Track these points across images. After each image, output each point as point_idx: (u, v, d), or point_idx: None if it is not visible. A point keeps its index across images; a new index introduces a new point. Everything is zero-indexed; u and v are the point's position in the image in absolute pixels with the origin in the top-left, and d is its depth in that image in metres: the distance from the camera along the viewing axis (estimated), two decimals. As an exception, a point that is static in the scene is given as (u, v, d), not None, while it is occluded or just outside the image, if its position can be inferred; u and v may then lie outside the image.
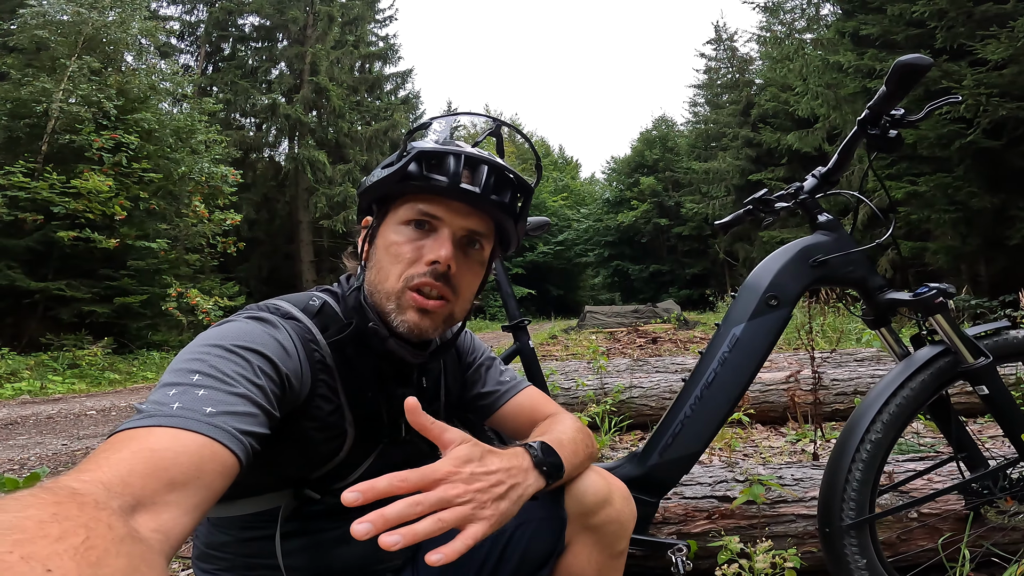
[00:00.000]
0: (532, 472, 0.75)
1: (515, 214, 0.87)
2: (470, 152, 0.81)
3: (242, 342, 0.70)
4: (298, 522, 0.83)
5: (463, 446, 0.67)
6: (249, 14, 19.52)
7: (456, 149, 0.80)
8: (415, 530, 0.56)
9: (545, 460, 0.78)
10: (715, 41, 27.45)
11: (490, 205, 0.82)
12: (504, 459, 0.71)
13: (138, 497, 0.48)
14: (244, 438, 0.60)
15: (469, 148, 0.83)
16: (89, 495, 0.43)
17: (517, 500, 0.69)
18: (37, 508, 0.39)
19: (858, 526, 1.15)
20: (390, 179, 0.81)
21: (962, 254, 8.86)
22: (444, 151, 0.80)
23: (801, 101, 12.48)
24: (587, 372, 3.72)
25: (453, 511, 0.60)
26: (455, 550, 0.57)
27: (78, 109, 8.71)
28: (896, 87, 1.13)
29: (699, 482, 1.53)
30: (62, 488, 0.43)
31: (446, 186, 0.79)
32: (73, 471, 0.48)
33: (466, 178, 0.80)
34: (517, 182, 0.85)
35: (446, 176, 0.79)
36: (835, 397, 2.97)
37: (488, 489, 0.65)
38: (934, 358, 1.21)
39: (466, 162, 0.80)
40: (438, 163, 0.80)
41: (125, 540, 0.41)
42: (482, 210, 0.83)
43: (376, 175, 0.85)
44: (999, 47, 6.71)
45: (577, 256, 34.02)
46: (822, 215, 1.31)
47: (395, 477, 0.57)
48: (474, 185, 0.80)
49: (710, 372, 1.23)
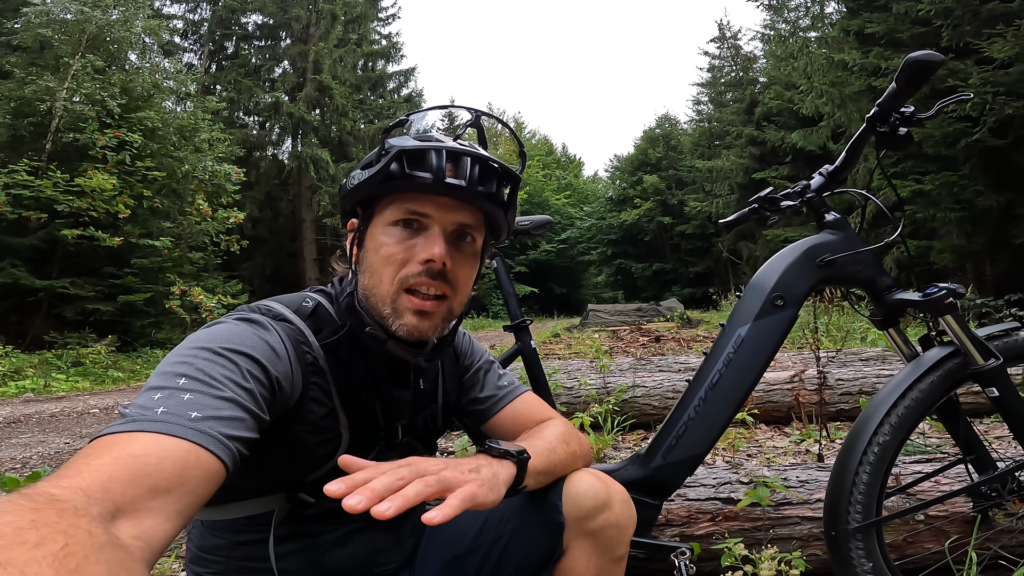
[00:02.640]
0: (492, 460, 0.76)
1: (503, 203, 0.85)
2: (451, 145, 0.79)
3: (230, 344, 0.68)
4: (292, 525, 0.83)
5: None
6: (252, 12, 19.58)
7: (437, 144, 0.78)
8: (405, 495, 0.58)
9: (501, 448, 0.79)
10: (719, 39, 27.36)
11: (477, 197, 0.80)
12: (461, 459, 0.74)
13: (119, 504, 0.48)
14: (231, 443, 0.59)
15: (450, 141, 0.81)
16: (68, 501, 0.43)
17: (492, 478, 0.71)
18: (15, 514, 0.38)
19: (865, 529, 1.14)
20: (372, 180, 0.79)
21: (967, 253, 8.82)
22: (425, 147, 0.78)
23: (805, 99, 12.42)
24: (590, 371, 3.71)
25: (436, 475, 0.63)
26: (452, 507, 0.60)
27: (82, 107, 8.74)
28: (906, 84, 1.11)
29: (703, 484, 1.52)
30: (41, 494, 0.42)
31: (431, 182, 0.77)
32: (52, 476, 0.48)
33: (450, 172, 0.78)
34: (502, 171, 0.83)
35: (430, 172, 0.77)
36: (840, 397, 2.95)
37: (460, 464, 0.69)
38: (943, 359, 1.19)
39: (448, 156, 0.78)
40: (420, 160, 0.78)
41: (105, 547, 0.41)
42: (470, 203, 0.82)
43: (357, 177, 0.82)
44: (1005, 45, 6.67)
45: (580, 254, 33.98)
46: (829, 214, 1.29)
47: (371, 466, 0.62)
48: (459, 178, 0.78)
49: (715, 373, 1.21)
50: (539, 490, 0.91)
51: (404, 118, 0.89)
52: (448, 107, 0.96)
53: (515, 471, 0.77)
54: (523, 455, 0.79)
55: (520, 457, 0.78)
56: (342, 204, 0.88)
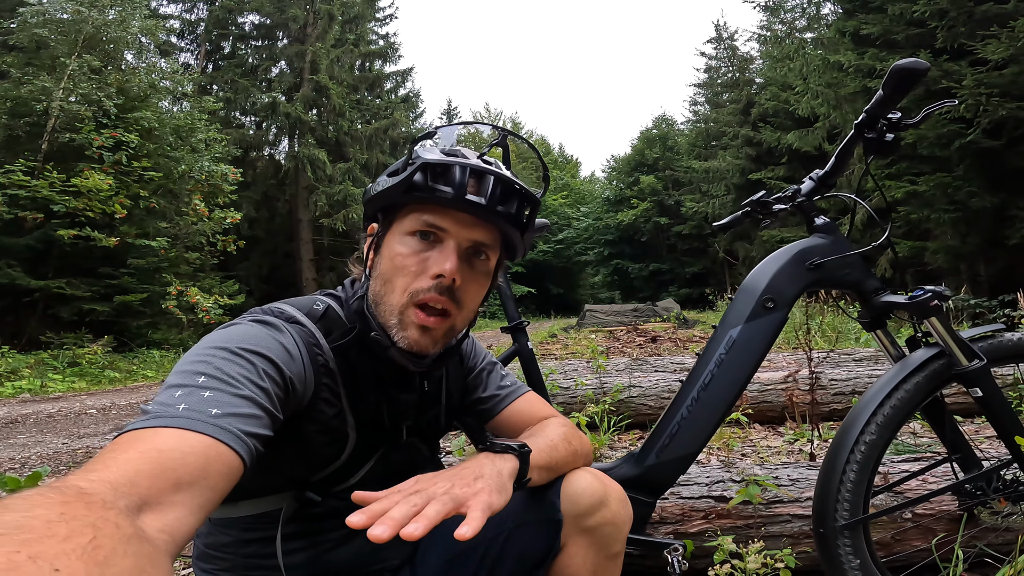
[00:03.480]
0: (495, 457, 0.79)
1: (521, 225, 0.86)
2: (475, 163, 0.80)
3: (247, 345, 0.70)
4: (298, 524, 0.84)
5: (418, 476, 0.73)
6: (249, 12, 19.51)
7: (462, 161, 0.79)
8: (427, 515, 0.61)
9: (503, 444, 0.81)
10: (716, 40, 27.45)
11: (496, 216, 0.81)
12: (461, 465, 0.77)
13: (144, 497, 0.49)
14: (248, 440, 0.61)
15: (475, 158, 0.82)
16: (96, 495, 0.44)
17: (498, 477, 0.74)
18: (44, 508, 0.39)
19: (852, 527, 1.16)
20: (395, 189, 0.81)
21: (962, 254, 8.87)
22: (449, 162, 0.79)
23: (801, 100, 12.49)
24: (586, 371, 3.73)
25: (447, 495, 0.66)
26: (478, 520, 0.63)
27: (78, 107, 8.72)
28: (892, 91, 1.14)
29: (696, 482, 1.54)
30: (69, 488, 0.43)
31: (451, 197, 0.78)
32: (80, 471, 0.49)
33: (471, 189, 0.79)
34: (523, 193, 0.84)
35: (451, 187, 0.78)
36: (833, 397, 2.98)
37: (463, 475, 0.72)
38: (929, 360, 1.22)
39: (471, 173, 0.79)
40: (443, 174, 0.79)
41: (132, 540, 0.41)
42: (488, 221, 0.83)
43: (382, 183, 0.84)
44: (999, 47, 6.72)
45: (577, 255, 34.02)
46: (819, 218, 1.32)
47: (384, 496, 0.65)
48: (480, 196, 0.79)
49: (707, 374, 1.24)
50: (538, 488, 0.94)
51: (433, 130, 0.91)
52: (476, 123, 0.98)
53: (518, 464, 0.80)
54: (524, 448, 0.82)
55: (521, 451, 0.81)
56: (365, 208, 0.90)
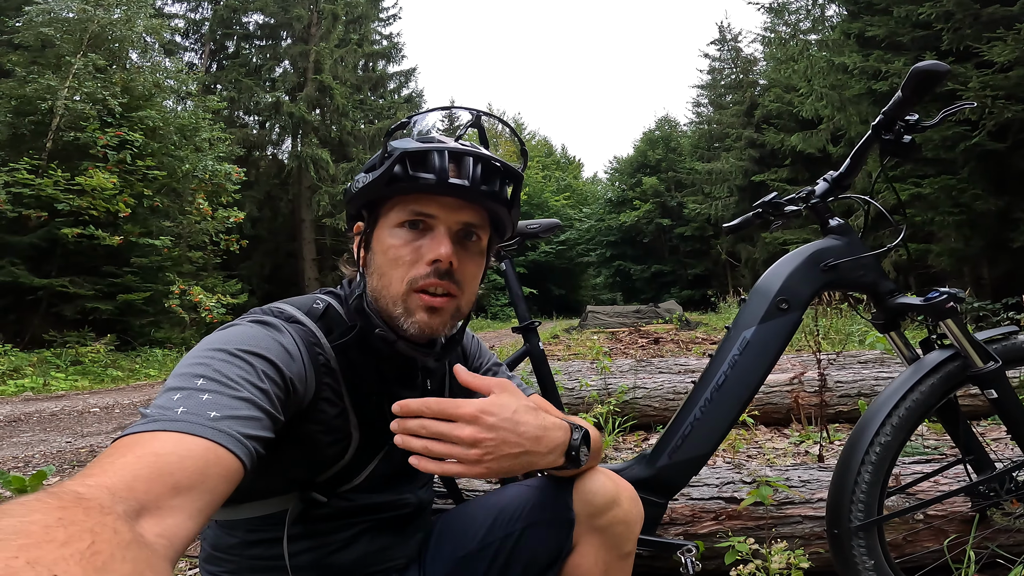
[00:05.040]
0: (556, 452, 0.79)
1: (507, 202, 0.86)
2: (454, 146, 0.80)
3: (246, 346, 0.70)
4: (304, 524, 0.84)
5: (502, 395, 0.75)
6: (253, 12, 19.57)
7: (439, 145, 0.79)
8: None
9: (576, 448, 0.82)
10: (719, 41, 27.42)
11: (481, 196, 0.81)
12: (538, 426, 0.76)
13: (143, 502, 0.48)
14: (248, 442, 0.60)
15: (452, 142, 0.82)
16: (94, 500, 0.43)
17: (522, 467, 0.75)
18: (42, 513, 0.39)
19: (866, 528, 1.16)
20: (377, 183, 0.80)
21: (965, 256, 8.86)
22: (427, 149, 0.79)
23: (805, 102, 12.49)
24: (590, 372, 3.73)
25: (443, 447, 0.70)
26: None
27: (83, 106, 8.73)
28: (912, 93, 1.14)
29: (706, 483, 1.54)
30: (67, 493, 0.43)
31: (434, 183, 0.78)
32: (78, 476, 0.48)
33: (453, 172, 0.79)
34: (505, 170, 0.84)
35: (433, 173, 0.78)
36: (839, 399, 2.97)
37: (498, 446, 0.71)
38: (944, 362, 1.22)
39: (451, 156, 0.79)
40: (423, 161, 0.79)
41: (130, 545, 0.41)
42: (474, 202, 0.83)
43: (361, 180, 0.84)
44: (1005, 49, 6.71)
45: (579, 256, 34.01)
46: (833, 219, 1.32)
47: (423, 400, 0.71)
48: (462, 178, 0.79)
49: (720, 375, 1.24)
50: (550, 487, 0.93)
51: (405, 120, 0.91)
52: (449, 108, 0.97)
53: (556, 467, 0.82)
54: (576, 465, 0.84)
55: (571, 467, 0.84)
56: (347, 208, 0.89)
